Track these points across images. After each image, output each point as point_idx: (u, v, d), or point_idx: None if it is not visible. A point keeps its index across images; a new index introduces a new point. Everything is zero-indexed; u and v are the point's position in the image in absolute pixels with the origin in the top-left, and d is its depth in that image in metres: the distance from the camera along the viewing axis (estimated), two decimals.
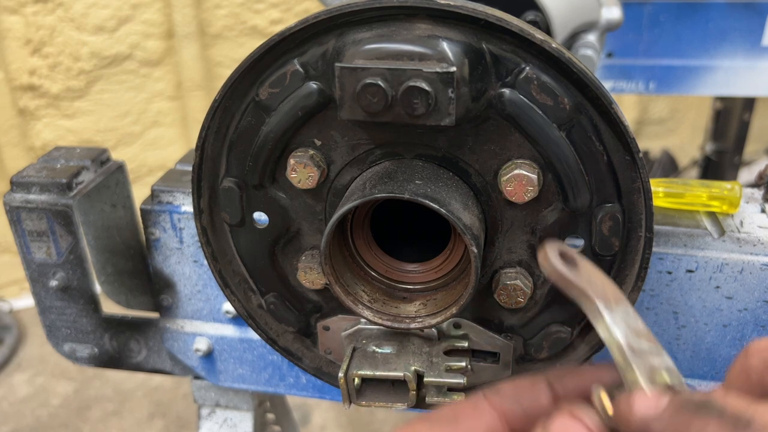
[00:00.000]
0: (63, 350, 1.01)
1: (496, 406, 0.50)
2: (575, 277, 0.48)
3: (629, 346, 0.46)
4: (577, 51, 1.13)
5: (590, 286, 0.48)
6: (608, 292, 0.48)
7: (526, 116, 0.58)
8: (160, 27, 3.10)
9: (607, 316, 0.47)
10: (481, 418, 0.50)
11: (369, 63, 0.56)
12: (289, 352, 0.76)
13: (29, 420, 2.68)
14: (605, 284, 0.49)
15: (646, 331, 0.47)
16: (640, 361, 0.45)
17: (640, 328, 0.47)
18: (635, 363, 0.45)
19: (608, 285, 0.49)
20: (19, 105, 3.11)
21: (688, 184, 0.81)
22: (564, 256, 0.49)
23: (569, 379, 0.51)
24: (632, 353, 0.45)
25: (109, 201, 0.95)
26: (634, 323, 0.47)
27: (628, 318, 0.47)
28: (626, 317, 0.47)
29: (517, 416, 0.50)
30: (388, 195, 0.56)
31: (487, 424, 0.50)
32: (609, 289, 0.49)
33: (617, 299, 0.48)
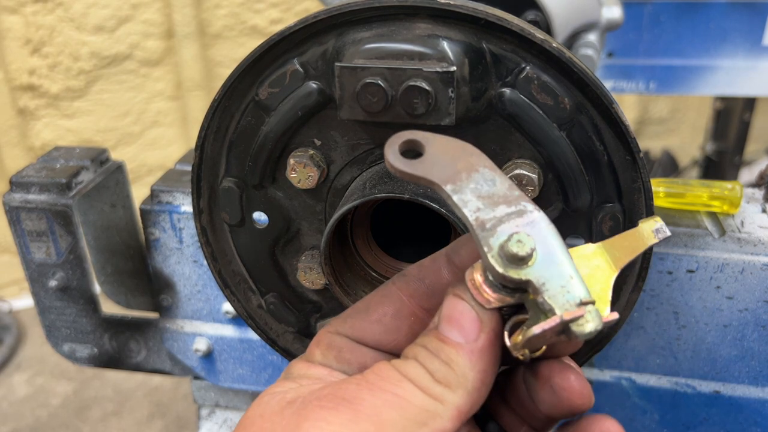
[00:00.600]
0: (62, 350, 1.01)
1: (402, 289, 0.52)
2: (416, 170, 0.46)
3: (477, 221, 0.45)
4: (577, 51, 1.13)
5: (434, 171, 0.46)
6: (459, 165, 0.46)
7: (527, 116, 0.58)
8: (160, 27, 3.10)
9: (454, 196, 0.45)
10: (389, 303, 0.51)
11: (369, 62, 0.55)
12: (289, 353, 0.76)
13: (29, 420, 2.68)
14: (456, 157, 0.47)
15: (505, 192, 0.46)
16: (489, 235, 0.44)
17: (497, 192, 0.46)
18: (483, 239, 0.44)
19: (461, 155, 0.47)
20: (19, 105, 3.11)
21: (689, 184, 0.80)
22: (412, 144, 0.47)
23: (464, 250, 0.52)
24: (481, 229, 0.44)
25: (109, 201, 0.95)
26: (489, 189, 0.46)
27: (480, 187, 0.46)
28: (478, 187, 0.46)
29: (423, 293, 0.51)
30: (388, 195, 0.56)
31: (395, 306, 0.51)
32: (461, 162, 0.47)
33: (470, 168, 0.47)
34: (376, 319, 0.51)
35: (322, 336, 0.52)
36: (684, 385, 0.83)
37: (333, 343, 0.51)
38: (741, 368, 0.80)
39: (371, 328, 0.51)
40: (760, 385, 0.81)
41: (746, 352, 0.79)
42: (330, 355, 0.51)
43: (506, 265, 0.43)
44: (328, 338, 0.52)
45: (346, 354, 0.51)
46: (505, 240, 0.44)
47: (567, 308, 0.42)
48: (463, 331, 0.46)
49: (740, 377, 0.81)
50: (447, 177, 0.46)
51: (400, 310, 0.51)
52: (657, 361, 0.83)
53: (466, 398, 0.45)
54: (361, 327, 0.51)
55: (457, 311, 0.46)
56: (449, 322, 0.46)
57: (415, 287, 0.52)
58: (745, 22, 1.64)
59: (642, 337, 0.81)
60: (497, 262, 0.43)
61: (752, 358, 0.79)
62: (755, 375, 0.80)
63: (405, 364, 0.46)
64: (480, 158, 0.47)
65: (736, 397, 0.82)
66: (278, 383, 0.51)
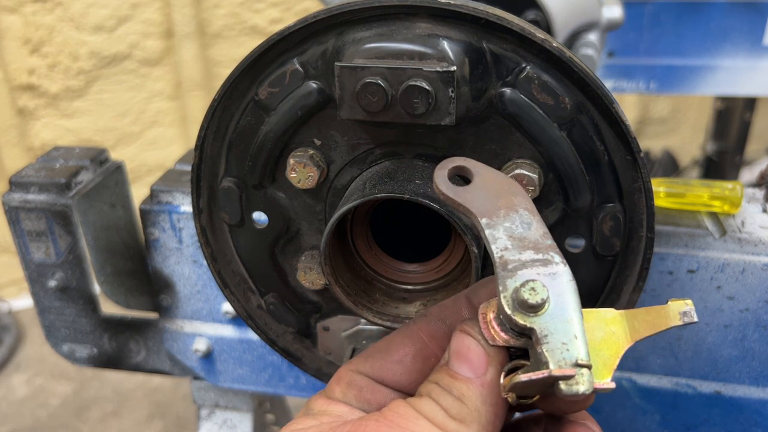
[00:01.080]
0: (62, 350, 1.00)
1: (423, 330, 0.52)
2: (459, 196, 0.47)
3: (501, 260, 0.45)
4: (578, 50, 1.13)
5: (475, 202, 0.47)
6: (501, 202, 0.47)
7: (527, 116, 0.57)
8: (160, 26, 3.09)
9: (486, 230, 0.46)
10: (410, 344, 0.52)
11: (369, 62, 0.55)
12: (288, 353, 0.76)
13: (28, 420, 2.68)
14: (501, 193, 0.48)
15: (537, 238, 0.46)
16: (508, 276, 0.45)
17: (530, 237, 0.46)
18: (501, 278, 0.44)
19: (505, 193, 0.48)
20: (18, 105, 3.11)
21: (690, 184, 0.80)
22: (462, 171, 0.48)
23: (483, 291, 0.53)
24: (503, 268, 0.45)
25: (108, 201, 0.95)
26: (523, 232, 0.46)
27: (515, 228, 0.47)
28: (512, 227, 0.47)
29: (443, 334, 0.52)
30: (388, 195, 0.56)
31: (416, 347, 0.52)
32: (503, 199, 0.48)
33: (510, 206, 0.47)
34: (397, 359, 0.52)
35: (342, 373, 0.53)
36: (685, 386, 0.83)
37: (354, 382, 0.52)
38: (742, 368, 0.80)
39: (392, 368, 0.52)
40: (760, 385, 0.81)
41: (747, 352, 0.79)
42: (350, 393, 0.52)
43: (515, 309, 0.44)
44: (349, 376, 0.52)
45: (367, 393, 0.51)
46: (521, 284, 0.44)
47: (561, 365, 0.43)
48: (472, 365, 0.47)
49: (741, 377, 0.81)
50: (485, 210, 0.47)
51: (421, 350, 0.52)
52: (658, 362, 0.82)
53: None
54: (382, 367, 0.52)
55: (464, 346, 0.47)
56: (458, 357, 0.47)
57: (436, 328, 0.52)
58: (745, 22, 1.64)
59: None
60: (508, 304, 0.44)
61: (753, 358, 0.79)
62: (756, 375, 0.80)
63: (420, 401, 0.47)
64: (523, 199, 0.48)
65: (737, 397, 0.82)
66: (299, 420, 0.51)
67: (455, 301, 0.53)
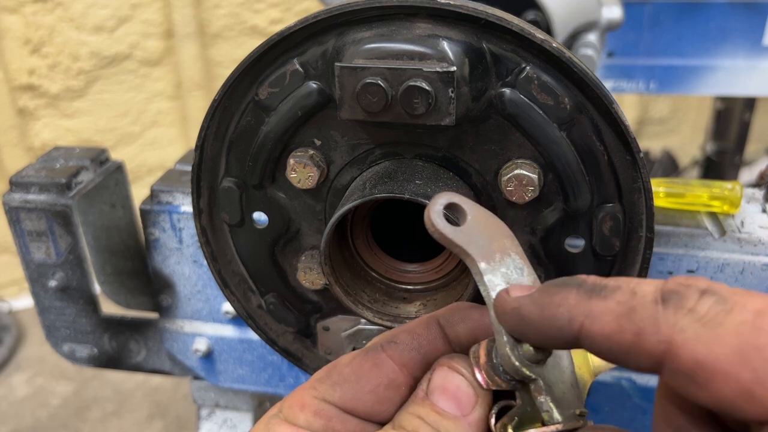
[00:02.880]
0: (62, 350, 1.00)
1: (395, 357, 0.49)
2: (456, 236, 0.46)
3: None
4: (577, 50, 1.13)
5: (471, 243, 0.46)
6: (495, 245, 0.47)
7: (527, 116, 0.58)
8: (160, 27, 3.10)
9: (486, 275, 0.46)
10: (383, 375, 0.49)
11: (369, 62, 0.55)
12: (288, 353, 0.76)
13: (28, 420, 2.68)
14: (493, 235, 0.47)
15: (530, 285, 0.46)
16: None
17: (523, 283, 0.46)
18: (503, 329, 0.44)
19: (497, 236, 0.47)
20: (19, 105, 3.11)
21: (689, 184, 0.80)
22: (453, 208, 0.47)
23: (461, 326, 0.51)
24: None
25: (109, 201, 0.95)
26: (517, 278, 0.46)
27: (510, 273, 0.46)
28: (508, 273, 0.46)
29: (417, 363, 0.50)
30: (388, 195, 0.56)
31: (388, 378, 0.49)
32: (496, 242, 0.47)
33: (504, 250, 0.47)
34: (370, 390, 0.49)
35: (307, 399, 0.49)
36: None
37: (322, 411, 0.48)
38: None
39: (363, 398, 0.49)
40: None
41: None
42: (317, 423, 0.48)
43: (522, 361, 0.44)
44: (315, 405, 0.48)
45: (336, 424, 0.48)
46: None
47: (567, 417, 0.44)
48: (460, 404, 0.46)
49: None
50: (483, 254, 0.46)
51: (393, 380, 0.49)
52: None
53: None
54: (353, 398, 0.48)
55: (453, 384, 0.47)
56: (444, 394, 0.47)
57: (409, 357, 0.50)
58: (745, 22, 1.64)
59: None
60: (514, 356, 0.44)
61: None
62: None
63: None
64: (513, 243, 0.48)
65: None
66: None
67: (427, 327, 0.51)
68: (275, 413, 0.49)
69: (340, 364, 0.50)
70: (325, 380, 0.49)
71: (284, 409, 0.49)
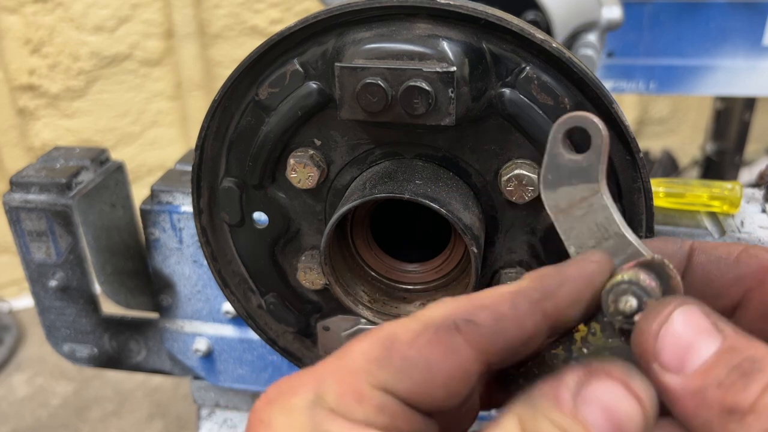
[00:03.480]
0: (62, 350, 1.01)
1: (473, 342, 0.39)
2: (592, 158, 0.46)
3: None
4: (577, 51, 1.13)
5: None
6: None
7: (527, 116, 0.58)
8: (160, 27, 3.10)
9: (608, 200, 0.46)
10: (458, 365, 0.39)
11: (369, 63, 0.55)
12: (288, 353, 0.76)
13: (29, 420, 2.68)
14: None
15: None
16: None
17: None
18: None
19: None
20: (19, 105, 3.11)
21: (689, 184, 0.80)
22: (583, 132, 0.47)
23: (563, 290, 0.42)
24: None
25: (109, 201, 0.95)
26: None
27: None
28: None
29: (498, 350, 0.40)
30: (388, 195, 0.56)
31: (464, 368, 0.39)
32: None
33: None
34: (443, 383, 0.38)
35: (364, 388, 0.38)
36: None
37: (385, 405, 0.38)
38: None
39: (434, 393, 0.38)
40: None
41: None
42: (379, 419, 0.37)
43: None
44: (377, 398, 0.38)
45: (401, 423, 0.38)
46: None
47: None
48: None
49: None
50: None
51: (468, 370, 0.39)
52: None
53: None
54: (422, 391, 0.38)
55: (623, 411, 0.36)
56: (604, 415, 0.36)
57: (491, 342, 0.40)
58: (745, 22, 1.64)
59: None
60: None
61: None
62: None
63: None
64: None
65: None
66: None
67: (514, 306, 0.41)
68: (313, 399, 0.38)
69: (401, 341, 0.39)
70: (385, 364, 0.38)
71: (329, 396, 0.38)
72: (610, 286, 0.43)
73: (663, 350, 0.38)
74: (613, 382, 0.37)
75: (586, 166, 0.46)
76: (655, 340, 0.38)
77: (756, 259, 0.45)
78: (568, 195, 0.47)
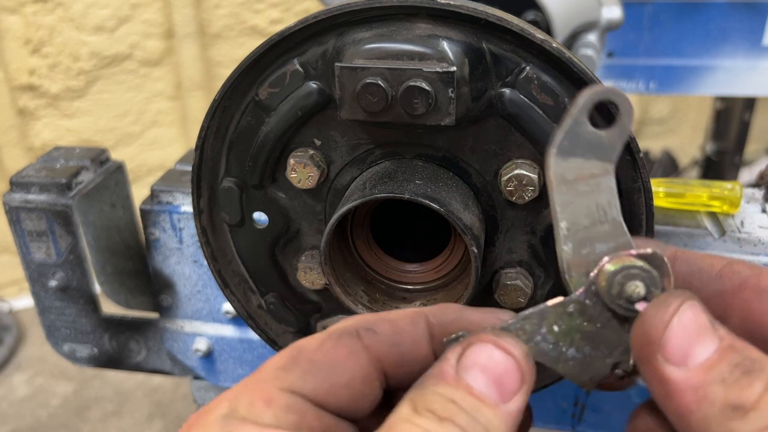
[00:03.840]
0: (62, 350, 1.01)
1: (372, 348, 0.43)
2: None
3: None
4: (577, 51, 1.13)
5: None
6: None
7: (527, 116, 0.58)
8: (160, 27, 3.10)
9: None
10: (358, 366, 0.42)
11: (369, 63, 0.55)
12: None
13: (29, 420, 2.68)
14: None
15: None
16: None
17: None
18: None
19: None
20: (19, 105, 3.11)
21: (689, 184, 0.80)
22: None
23: (453, 327, 0.45)
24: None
25: (109, 201, 0.95)
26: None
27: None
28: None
29: (392, 361, 0.43)
30: (388, 195, 0.56)
31: (365, 371, 0.42)
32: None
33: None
34: (346, 383, 0.41)
35: (272, 392, 0.40)
36: None
37: (293, 405, 0.40)
38: None
39: (338, 392, 0.41)
40: None
41: None
42: (289, 418, 0.39)
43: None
44: (284, 398, 0.40)
45: (311, 420, 0.40)
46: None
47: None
48: (503, 389, 0.40)
49: None
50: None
51: (369, 374, 0.42)
52: None
53: None
54: (327, 390, 0.41)
55: (499, 364, 0.40)
56: (485, 374, 0.40)
57: (387, 351, 0.43)
58: (745, 22, 1.64)
59: None
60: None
61: None
62: None
63: (441, 427, 0.37)
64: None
65: None
66: None
67: (413, 323, 0.44)
68: (226, 413, 0.39)
69: (307, 349, 0.42)
70: (292, 368, 0.41)
71: (241, 406, 0.39)
72: (619, 267, 0.42)
73: (669, 342, 0.38)
74: (485, 344, 0.41)
75: (607, 143, 0.44)
76: (663, 331, 0.39)
77: (738, 275, 0.45)
78: (578, 167, 0.44)
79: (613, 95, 0.43)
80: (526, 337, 0.43)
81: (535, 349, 0.43)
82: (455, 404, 0.38)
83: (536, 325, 0.43)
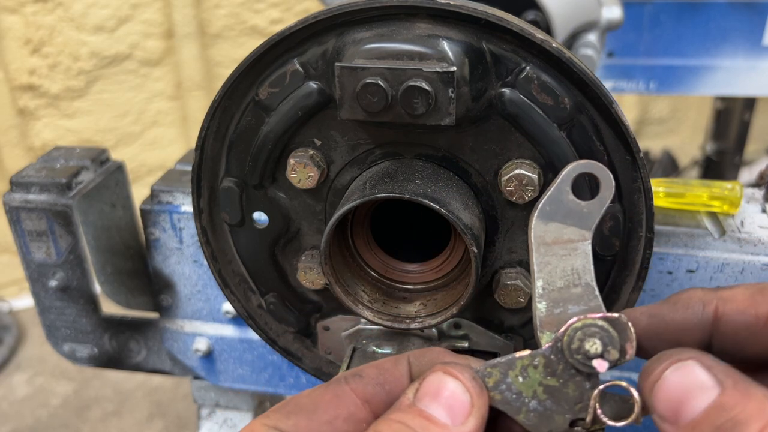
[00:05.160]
0: (62, 350, 1.01)
1: (358, 391, 0.47)
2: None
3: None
4: (577, 50, 1.13)
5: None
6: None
7: (527, 116, 0.58)
8: (160, 27, 3.10)
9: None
10: (342, 406, 0.46)
11: (369, 62, 0.55)
12: (288, 353, 0.76)
13: (29, 420, 2.68)
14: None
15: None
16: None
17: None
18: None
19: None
20: (19, 105, 3.11)
21: (689, 184, 0.80)
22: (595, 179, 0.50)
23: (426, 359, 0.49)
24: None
25: (109, 201, 0.95)
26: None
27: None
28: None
29: (380, 401, 0.47)
30: (388, 195, 0.56)
31: (348, 410, 0.46)
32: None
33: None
34: (326, 421, 0.45)
35: (257, 428, 0.45)
36: None
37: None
38: None
39: (319, 429, 0.45)
40: None
41: None
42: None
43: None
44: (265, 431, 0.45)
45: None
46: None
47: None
48: (452, 412, 0.44)
49: None
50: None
51: (353, 414, 0.46)
52: None
53: None
54: (308, 427, 0.45)
55: (447, 389, 0.44)
56: (436, 399, 0.44)
57: (373, 392, 0.47)
58: (745, 22, 1.64)
59: None
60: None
61: None
62: None
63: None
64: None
65: None
66: None
67: (396, 364, 0.49)
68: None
69: (300, 395, 0.48)
70: (280, 409, 0.46)
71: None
72: (581, 324, 0.46)
73: (658, 404, 0.42)
74: (436, 373, 0.45)
75: (586, 213, 0.49)
76: (650, 395, 0.43)
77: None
78: (557, 232, 0.49)
79: (595, 169, 0.48)
80: (492, 383, 0.46)
81: (499, 397, 0.46)
82: (408, 427, 0.43)
83: (503, 374, 0.46)
